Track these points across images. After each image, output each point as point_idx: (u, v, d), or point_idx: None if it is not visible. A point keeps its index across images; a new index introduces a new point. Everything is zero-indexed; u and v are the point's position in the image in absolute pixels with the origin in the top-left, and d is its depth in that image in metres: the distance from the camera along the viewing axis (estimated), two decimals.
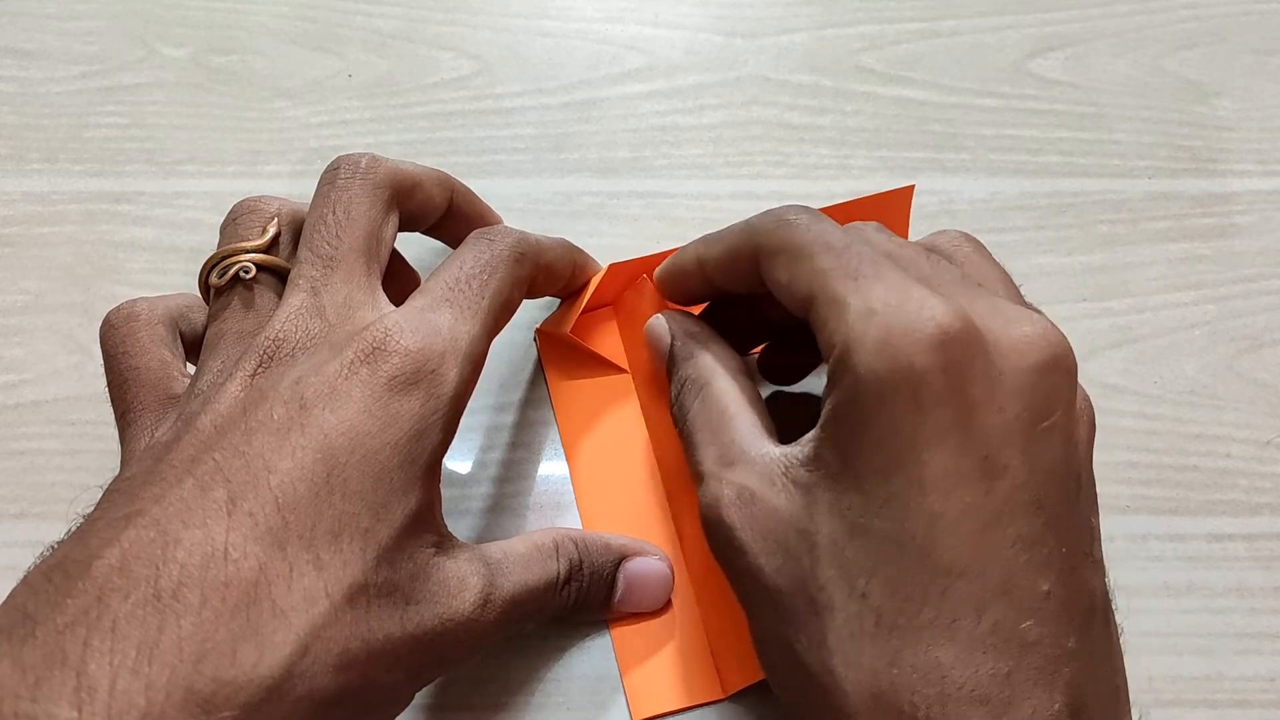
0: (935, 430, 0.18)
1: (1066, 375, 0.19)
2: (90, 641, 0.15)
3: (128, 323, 0.23)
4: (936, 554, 0.18)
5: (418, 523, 0.20)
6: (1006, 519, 0.18)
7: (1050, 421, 0.19)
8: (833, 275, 0.20)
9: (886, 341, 0.18)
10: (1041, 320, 0.20)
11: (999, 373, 0.19)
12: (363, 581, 0.18)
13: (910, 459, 0.18)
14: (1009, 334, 0.19)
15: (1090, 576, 0.19)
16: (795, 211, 0.22)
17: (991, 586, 0.18)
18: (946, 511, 0.18)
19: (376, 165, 0.23)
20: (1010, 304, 0.20)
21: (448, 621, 0.20)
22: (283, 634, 0.17)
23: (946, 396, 0.18)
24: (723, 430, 0.22)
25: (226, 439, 0.18)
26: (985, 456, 0.18)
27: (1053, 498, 0.19)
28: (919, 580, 0.18)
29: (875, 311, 0.19)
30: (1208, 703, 0.26)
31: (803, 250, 0.21)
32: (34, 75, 0.34)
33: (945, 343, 0.18)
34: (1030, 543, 0.18)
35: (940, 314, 0.18)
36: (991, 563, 0.18)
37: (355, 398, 0.19)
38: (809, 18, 0.36)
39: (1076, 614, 0.18)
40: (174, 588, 0.16)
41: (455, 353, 0.20)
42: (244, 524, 0.17)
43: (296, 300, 0.21)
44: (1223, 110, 0.34)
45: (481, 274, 0.22)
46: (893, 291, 0.19)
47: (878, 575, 0.18)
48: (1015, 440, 0.18)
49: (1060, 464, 0.19)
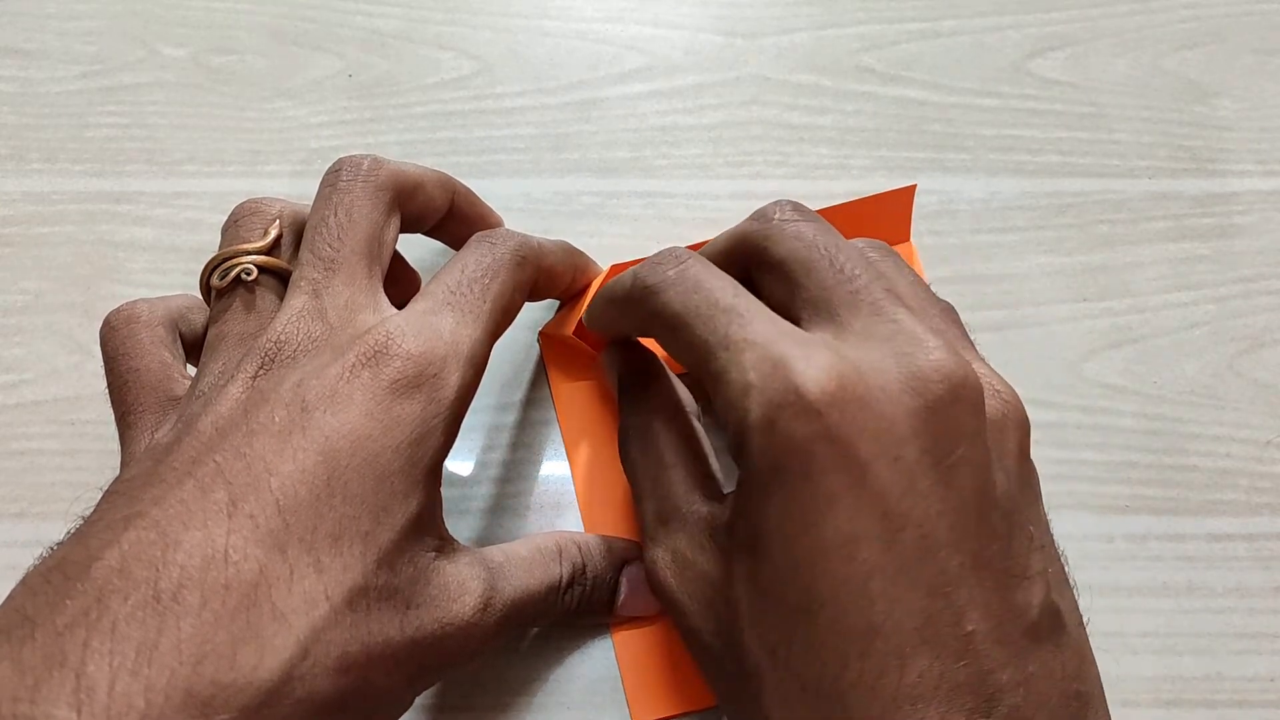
0: (827, 497, 0.18)
1: (968, 404, 0.18)
2: (90, 643, 0.15)
3: (128, 324, 0.23)
4: (849, 618, 0.17)
5: (419, 526, 0.20)
6: (916, 568, 0.18)
7: (955, 456, 0.18)
8: (709, 348, 0.19)
9: (766, 419, 0.18)
10: (935, 349, 0.18)
11: (889, 421, 0.18)
12: (363, 585, 0.18)
13: (809, 528, 0.18)
14: (900, 373, 0.18)
15: (1027, 597, 0.18)
16: (663, 267, 0.21)
17: (911, 638, 0.17)
18: (851, 575, 0.17)
19: (378, 167, 0.23)
20: (909, 331, 0.19)
21: (447, 625, 0.20)
22: (282, 637, 0.17)
23: (833, 462, 0.18)
24: (660, 483, 0.23)
25: (227, 441, 0.18)
26: (883, 512, 0.18)
27: (969, 532, 0.18)
28: (835, 645, 0.17)
29: (751, 385, 0.18)
30: (1208, 703, 0.26)
31: (676, 323, 0.20)
32: (34, 75, 0.34)
33: (823, 408, 0.18)
34: (947, 584, 0.18)
35: (812, 377, 0.18)
36: (907, 615, 0.17)
37: (357, 401, 0.19)
38: (809, 18, 0.36)
39: (1011, 642, 0.18)
40: (174, 589, 0.16)
41: (457, 356, 0.20)
42: (244, 526, 0.17)
43: (298, 302, 0.21)
44: (1223, 110, 0.34)
45: (483, 277, 0.22)
46: (763, 358, 0.18)
47: (795, 643, 0.18)
48: (917, 486, 0.18)
49: (974, 496, 0.18)
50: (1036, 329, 0.31)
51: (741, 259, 0.22)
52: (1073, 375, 0.30)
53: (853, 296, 0.20)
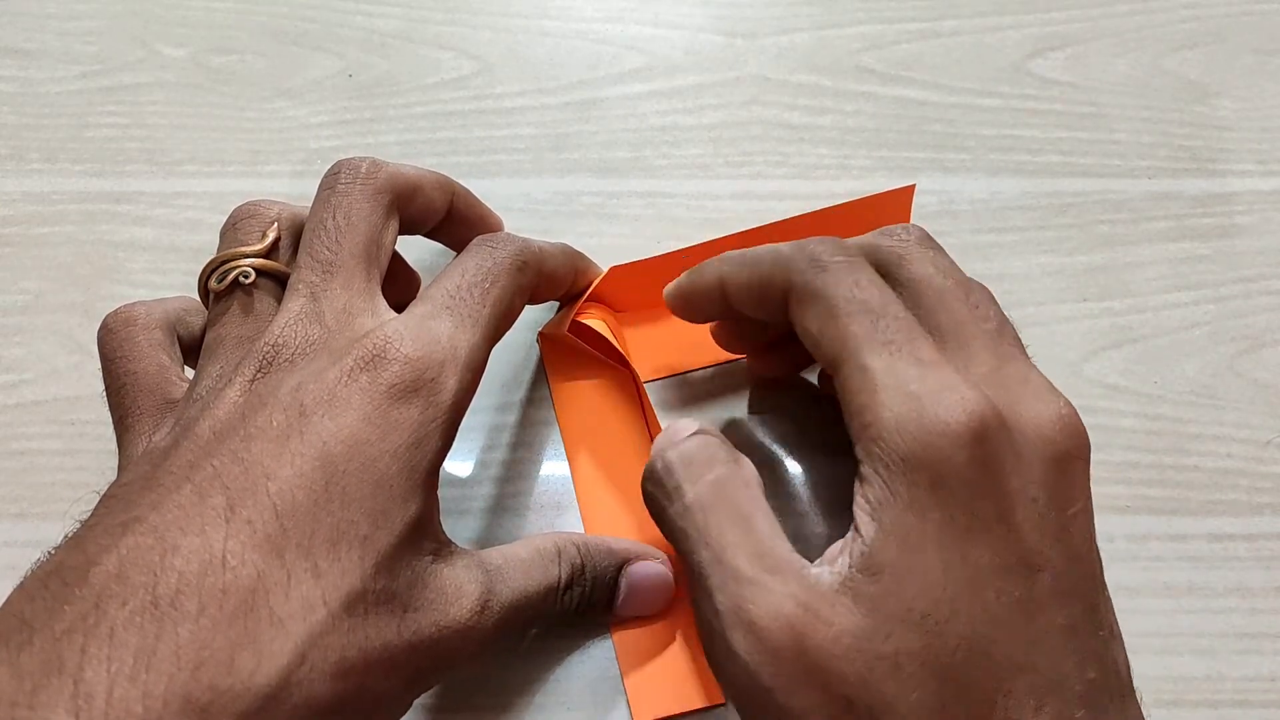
0: (982, 525, 0.18)
1: (1084, 461, 0.20)
2: (88, 648, 0.15)
3: (125, 327, 0.23)
4: (997, 651, 0.18)
5: (417, 530, 0.19)
6: (1052, 610, 0.18)
7: (1076, 508, 0.19)
8: (867, 343, 0.20)
9: (926, 431, 0.18)
10: (1059, 400, 0.20)
11: (1027, 463, 0.19)
12: (361, 589, 0.18)
13: (966, 554, 0.18)
14: (1033, 420, 0.19)
15: (1119, 654, 0.19)
16: (830, 252, 0.21)
17: (1045, 679, 0.18)
18: (1000, 608, 0.18)
19: (377, 170, 0.23)
20: (1039, 383, 0.20)
21: (445, 629, 0.20)
22: (280, 642, 0.17)
23: (986, 490, 0.18)
24: (755, 528, 0.20)
25: (225, 445, 0.18)
26: (1026, 550, 0.18)
27: (1086, 583, 0.19)
28: (986, 683, 0.18)
29: (914, 395, 0.19)
30: (1208, 703, 0.26)
31: (836, 307, 0.20)
32: (34, 75, 0.34)
33: (980, 436, 0.18)
34: (1073, 631, 0.18)
35: (973, 405, 0.18)
36: (1043, 655, 0.18)
37: (355, 405, 0.19)
38: (809, 18, 0.36)
39: (1115, 694, 0.19)
40: (172, 595, 0.16)
41: (455, 361, 0.20)
42: (242, 531, 0.17)
43: (296, 306, 0.21)
44: (1223, 110, 0.34)
45: (483, 282, 0.22)
46: (928, 375, 0.19)
47: (951, 684, 0.18)
48: (1049, 529, 0.18)
49: (1085, 549, 0.19)
50: (1036, 329, 0.31)
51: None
52: (1073, 375, 0.30)
53: (986, 335, 0.21)
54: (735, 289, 0.23)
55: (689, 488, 0.21)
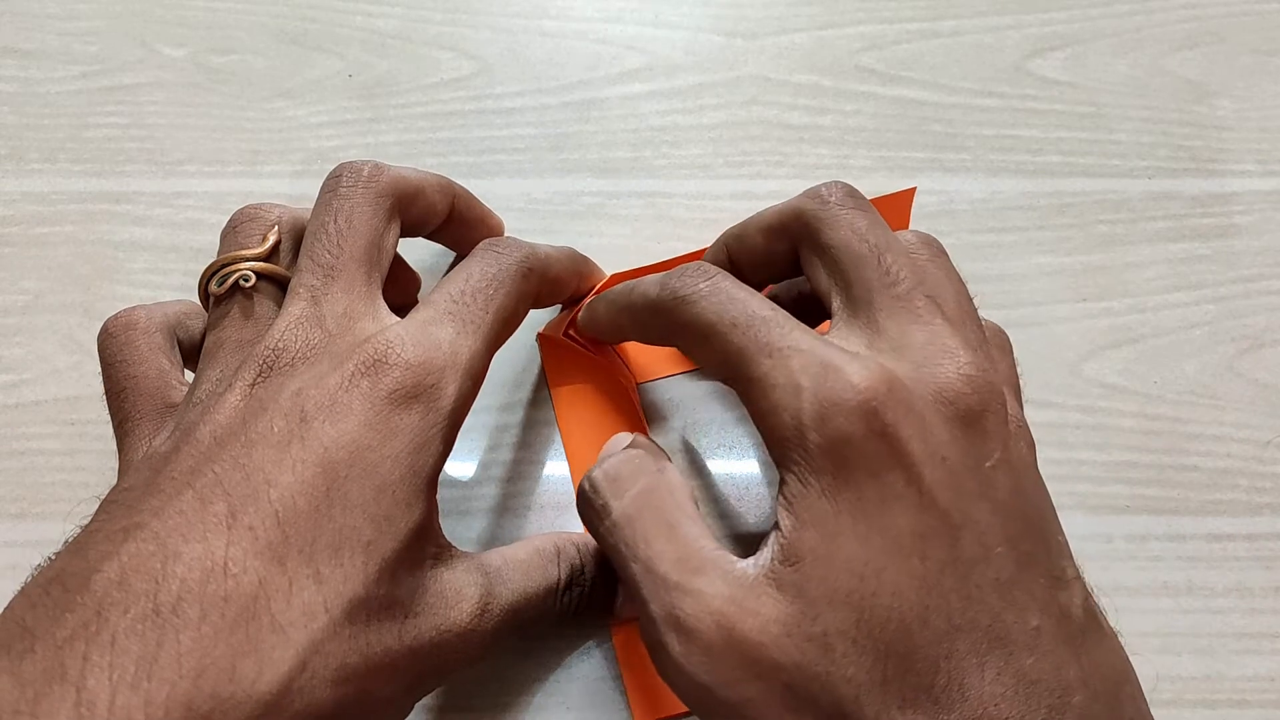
0: (894, 495, 0.18)
1: (996, 414, 0.19)
2: (89, 656, 0.15)
3: (126, 331, 0.23)
4: (932, 616, 0.18)
5: (418, 535, 0.19)
6: (981, 565, 0.18)
7: (993, 460, 0.19)
8: (747, 355, 0.20)
9: (821, 416, 0.18)
10: (965, 362, 0.19)
11: (930, 425, 0.19)
12: (363, 596, 0.18)
13: (884, 528, 0.18)
14: (933, 381, 0.19)
15: (1070, 598, 0.19)
16: (692, 280, 0.21)
17: (985, 636, 0.18)
18: (928, 573, 0.18)
19: (379, 173, 0.23)
20: (942, 341, 0.20)
21: (445, 632, 0.20)
22: (281, 649, 0.17)
23: (891, 460, 0.18)
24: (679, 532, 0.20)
25: (226, 451, 0.18)
26: (944, 509, 0.18)
27: (1016, 532, 0.19)
28: (926, 649, 0.18)
29: (802, 387, 0.19)
30: (1207, 703, 0.26)
31: (709, 331, 0.21)
32: (34, 75, 0.34)
33: (873, 409, 0.18)
34: (1008, 583, 0.18)
35: (859, 380, 0.18)
36: (980, 612, 0.18)
37: (356, 410, 0.19)
38: (809, 18, 0.36)
39: (1068, 640, 0.18)
40: (173, 602, 0.16)
41: (455, 367, 0.20)
42: (244, 538, 0.17)
43: (296, 309, 0.21)
44: (1223, 110, 0.34)
45: (487, 288, 0.22)
46: (811, 361, 0.19)
47: (891, 656, 0.18)
48: (965, 487, 0.18)
49: (1013, 497, 0.19)
50: (1036, 329, 0.31)
51: (792, 235, 0.23)
52: (1073, 375, 0.30)
53: (894, 301, 0.20)
54: (626, 330, 0.24)
55: (615, 504, 0.21)
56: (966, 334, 0.21)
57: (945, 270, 0.22)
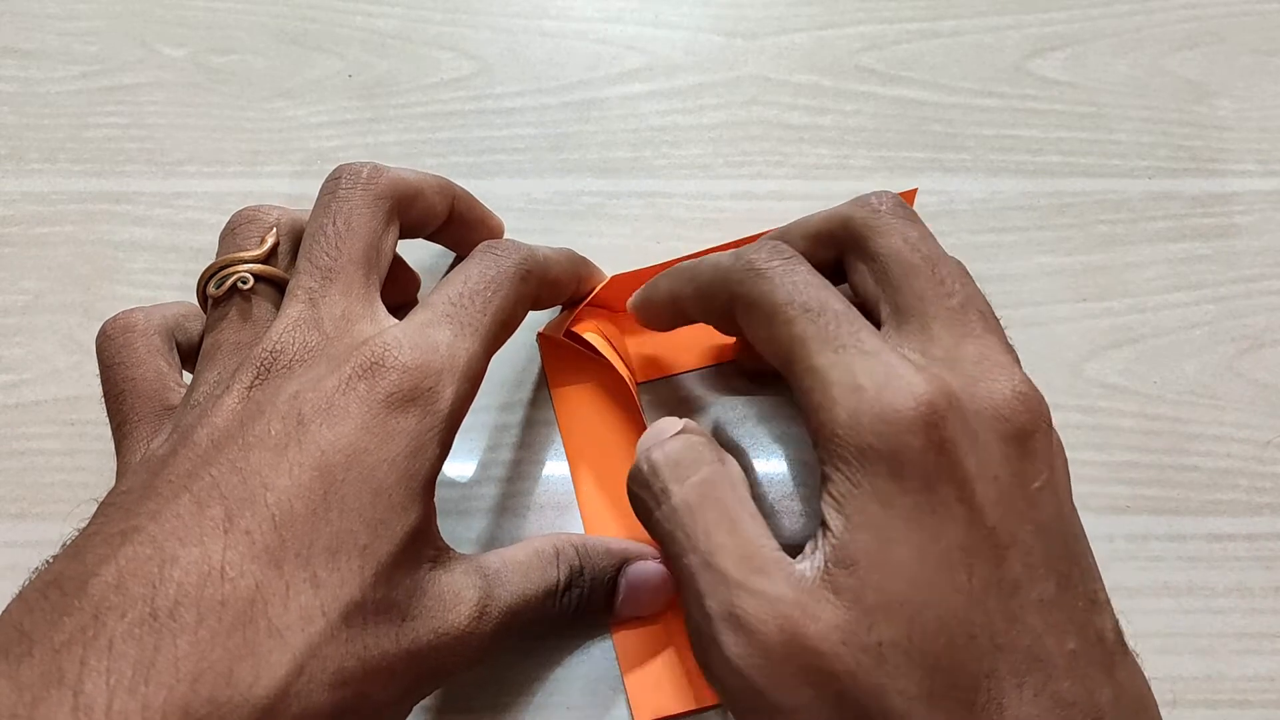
0: (945, 507, 0.18)
1: (1045, 434, 0.19)
2: (87, 660, 0.15)
3: (124, 333, 0.23)
4: (977, 632, 0.18)
5: (416, 539, 0.19)
6: (1025, 586, 0.18)
7: (1040, 481, 0.19)
8: (812, 343, 0.20)
9: (878, 421, 0.18)
10: (1014, 376, 0.20)
11: (984, 442, 0.19)
12: (360, 599, 0.18)
13: (937, 538, 0.18)
14: (988, 398, 0.19)
15: (1103, 621, 0.19)
16: (768, 256, 0.21)
17: (1025, 656, 0.18)
18: (975, 589, 0.18)
19: (378, 175, 0.23)
20: (996, 357, 0.20)
21: (443, 636, 0.20)
22: (279, 654, 0.17)
23: (946, 472, 0.18)
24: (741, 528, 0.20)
25: (224, 454, 0.18)
26: (992, 528, 0.18)
27: (1058, 555, 0.19)
28: (970, 666, 0.18)
29: (863, 388, 0.19)
30: (1207, 703, 0.26)
31: (779, 311, 0.20)
32: (34, 75, 0.34)
33: (931, 421, 0.18)
34: (1049, 605, 0.18)
35: (921, 391, 0.18)
36: (1021, 633, 0.18)
37: (353, 414, 0.19)
38: (809, 18, 0.36)
39: (1101, 662, 0.18)
40: (170, 606, 0.16)
41: (453, 370, 0.20)
42: (241, 542, 0.17)
43: (294, 311, 0.21)
44: (1223, 110, 0.34)
45: (485, 290, 0.22)
46: (876, 366, 0.19)
47: (938, 670, 0.18)
48: (1015, 506, 0.18)
49: (1056, 520, 0.19)
50: (1036, 329, 0.31)
51: (840, 242, 0.23)
52: (1073, 375, 0.30)
53: (949, 314, 0.21)
54: (685, 303, 0.24)
55: (675, 489, 0.21)
56: (1010, 350, 0.21)
57: (978, 289, 0.22)
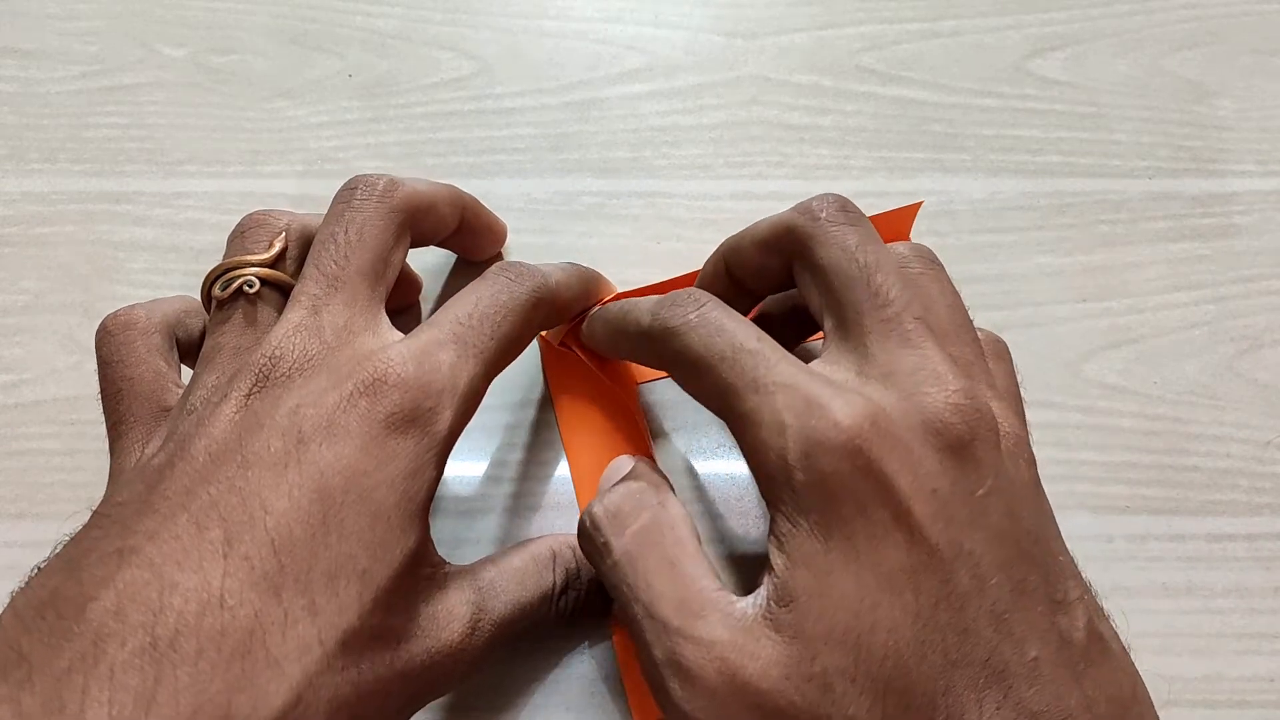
0: (882, 531, 0.18)
1: (986, 441, 0.19)
2: (89, 690, 0.15)
3: (124, 331, 0.22)
4: (929, 651, 0.17)
5: (413, 561, 0.19)
6: (975, 598, 0.18)
7: (985, 488, 0.19)
8: (735, 390, 0.19)
9: (806, 455, 0.18)
10: (954, 390, 0.19)
11: (919, 457, 0.18)
12: (357, 626, 0.18)
13: (875, 565, 0.18)
14: (921, 410, 0.19)
15: (1070, 623, 0.19)
16: (682, 312, 0.21)
17: (982, 669, 0.17)
18: (921, 609, 0.18)
19: (394, 189, 0.23)
20: (932, 367, 0.19)
21: (436, 654, 0.20)
22: (276, 684, 0.17)
23: (879, 496, 0.18)
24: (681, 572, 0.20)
25: (222, 471, 0.18)
26: (935, 544, 0.18)
27: (1011, 560, 0.18)
28: (923, 686, 0.17)
29: (786, 425, 0.18)
30: (1207, 703, 0.26)
31: (698, 365, 0.20)
32: (34, 75, 0.34)
33: (858, 445, 0.18)
34: (1004, 614, 0.18)
35: (843, 417, 0.18)
36: (976, 646, 0.18)
37: (354, 432, 0.19)
38: (809, 18, 0.36)
39: (1071, 666, 0.18)
40: (170, 636, 0.16)
41: (453, 392, 0.20)
42: (240, 569, 0.17)
43: (295, 317, 0.21)
44: (1223, 110, 0.34)
45: (495, 315, 0.22)
46: (796, 398, 0.19)
47: (890, 693, 0.17)
48: (957, 518, 0.18)
49: (1009, 523, 0.19)
50: (1036, 329, 0.31)
51: (784, 250, 0.22)
52: (1073, 375, 0.30)
53: (883, 325, 0.20)
54: (624, 353, 0.24)
55: (616, 542, 0.21)
56: (958, 350, 0.20)
57: (939, 283, 0.22)
